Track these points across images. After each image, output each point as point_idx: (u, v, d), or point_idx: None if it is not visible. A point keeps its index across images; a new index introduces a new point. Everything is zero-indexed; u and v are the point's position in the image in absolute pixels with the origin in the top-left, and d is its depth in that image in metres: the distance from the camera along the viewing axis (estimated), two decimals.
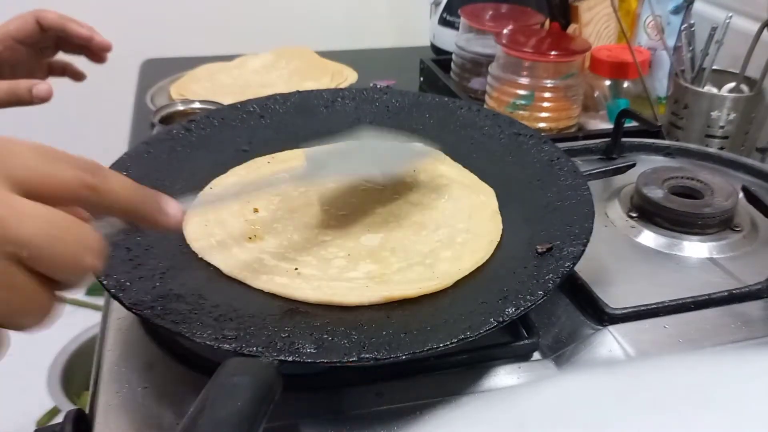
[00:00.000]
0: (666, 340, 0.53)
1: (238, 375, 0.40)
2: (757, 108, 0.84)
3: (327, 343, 0.45)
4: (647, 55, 0.97)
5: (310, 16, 1.77)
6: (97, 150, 1.16)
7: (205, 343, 0.44)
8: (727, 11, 0.87)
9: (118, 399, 0.49)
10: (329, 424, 0.47)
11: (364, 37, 1.72)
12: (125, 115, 1.04)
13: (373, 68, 1.18)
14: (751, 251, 0.65)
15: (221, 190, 0.61)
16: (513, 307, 0.47)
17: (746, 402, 0.21)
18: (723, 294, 0.56)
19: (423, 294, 0.51)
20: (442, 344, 0.44)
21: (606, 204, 0.71)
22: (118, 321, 0.57)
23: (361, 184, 0.65)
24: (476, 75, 1.04)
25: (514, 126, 0.70)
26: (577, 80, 0.91)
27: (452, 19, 1.17)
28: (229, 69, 1.13)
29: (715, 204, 0.67)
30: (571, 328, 0.55)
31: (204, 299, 0.50)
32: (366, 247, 0.57)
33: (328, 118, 0.76)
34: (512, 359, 0.53)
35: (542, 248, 0.53)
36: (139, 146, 0.66)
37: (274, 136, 0.73)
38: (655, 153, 0.82)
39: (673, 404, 0.21)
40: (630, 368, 0.26)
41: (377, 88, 0.80)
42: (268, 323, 0.47)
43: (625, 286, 0.60)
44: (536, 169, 0.65)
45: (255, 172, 0.67)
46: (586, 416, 0.22)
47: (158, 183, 0.63)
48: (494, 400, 0.24)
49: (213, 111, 0.74)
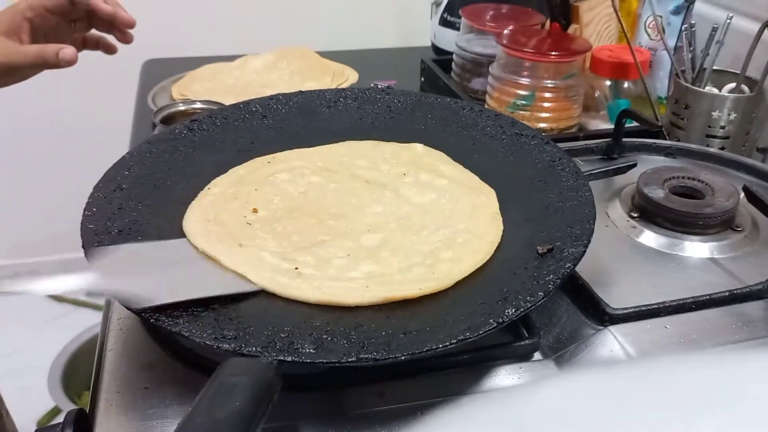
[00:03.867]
0: (667, 340, 0.53)
1: (237, 375, 0.40)
2: (758, 108, 0.84)
3: (326, 344, 0.45)
4: (648, 55, 0.97)
5: (311, 16, 1.77)
6: (99, 149, 1.16)
7: (204, 343, 0.44)
8: (727, 11, 0.87)
9: (119, 399, 0.49)
10: (329, 424, 0.47)
11: (365, 37, 1.72)
12: (127, 115, 1.05)
13: (374, 68, 1.18)
14: (752, 251, 0.65)
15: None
16: (513, 308, 0.47)
17: (747, 402, 0.21)
18: (724, 294, 0.56)
19: (423, 294, 0.51)
20: (441, 345, 0.44)
21: (607, 204, 0.71)
22: (119, 321, 0.57)
23: (361, 183, 0.65)
24: (477, 75, 1.04)
25: (515, 126, 0.70)
26: (577, 80, 0.91)
27: (453, 19, 1.17)
28: (230, 69, 1.13)
29: (716, 204, 0.67)
30: (572, 329, 0.55)
31: (204, 299, 0.50)
32: (366, 247, 0.57)
33: (330, 118, 0.76)
34: (513, 359, 0.53)
35: (543, 249, 0.53)
36: (141, 146, 0.66)
37: (276, 136, 0.73)
38: (656, 153, 0.82)
39: (673, 404, 0.21)
40: (630, 368, 0.26)
41: (379, 89, 0.80)
42: (268, 323, 0.47)
43: (626, 286, 0.60)
44: (537, 170, 0.65)
45: (255, 173, 0.67)
46: (586, 416, 0.22)
47: (160, 182, 0.63)
48: (494, 400, 0.24)
49: (215, 111, 0.74)
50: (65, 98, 1.72)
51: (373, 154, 0.70)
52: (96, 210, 0.57)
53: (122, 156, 0.64)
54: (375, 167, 0.68)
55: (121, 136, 1.01)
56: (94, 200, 0.58)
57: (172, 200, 0.62)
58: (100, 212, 0.56)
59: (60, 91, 1.70)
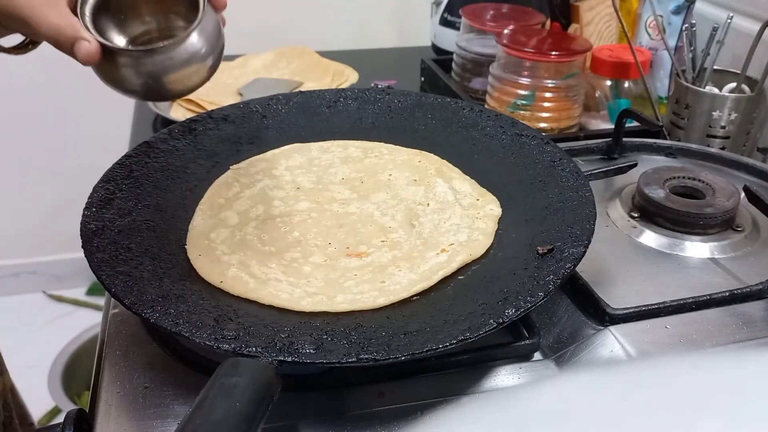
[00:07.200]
0: (667, 340, 0.53)
1: (237, 375, 0.40)
2: (759, 108, 0.84)
3: (326, 344, 0.45)
4: (648, 55, 0.96)
5: (311, 16, 1.77)
6: (99, 150, 1.16)
7: (204, 343, 0.44)
8: (728, 11, 0.87)
9: (119, 399, 0.49)
10: (329, 424, 0.47)
11: (365, 37, 1.72)
12: (127, 115, 1.04)
13: (374, 68, 1.18)
14: (753, 251, 0.65)
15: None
16: (513, 308, 0.47)
17: (747, 402, 0.21)
18: (724, 294, 0.56)
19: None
20: (441, 345, 0.44)
21: (607, 204, 0.71)
22: (119, 321, 0.57)
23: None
24: (477, 75, 1.03)
25: (516, 127, 0.70)
26: (578, 80, 0.91)
27: (453, 19, 1.17)
28: (230, 69, 1.13)
29: (717, 204, 0.66)
30: (572, 329, 0.55)
31: (204, 299, 0.50)
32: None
33: (330, 118, 0.76)
34: (513, 359, 0.53)
35: (543, 249, 0.53)
36: (141, 146, 0.66)
37: (276, 136, 0.73)
38: (657, 153, 0.82)
39: (673, 404, 0.21)
40: (630, 368, 0.26)
41: (379, 89, 0.80)
42: (268, 323, 0.47)
43: (627, 286, 0.59)
44: (538, 170, 0.65)
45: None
46: (586, 416, 0.21)
47: (160, 183, 0.63)
48: (494, 400, 0.24)
49: (215, 110, 0.74)
50: (65, 98, 1.72)
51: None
52: (96, 210, 0.56)
53: (122, 156, 0.64)
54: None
55: (121, 136, 1.01)
56: (94, 200, 0.58)
57: (172, 200, 0.62)
58: (100, 212, 0.56)
59: (60, 90, 1.70)
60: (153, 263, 0.53)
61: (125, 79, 0.49)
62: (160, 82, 0.49)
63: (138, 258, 0.53)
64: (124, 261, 0.52)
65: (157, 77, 0.49)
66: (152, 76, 0.49)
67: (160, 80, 0.49)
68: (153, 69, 0.48)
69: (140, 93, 0.50)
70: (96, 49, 0.48)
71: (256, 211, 0.62)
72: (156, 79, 0.49)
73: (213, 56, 0.51)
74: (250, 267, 0.54)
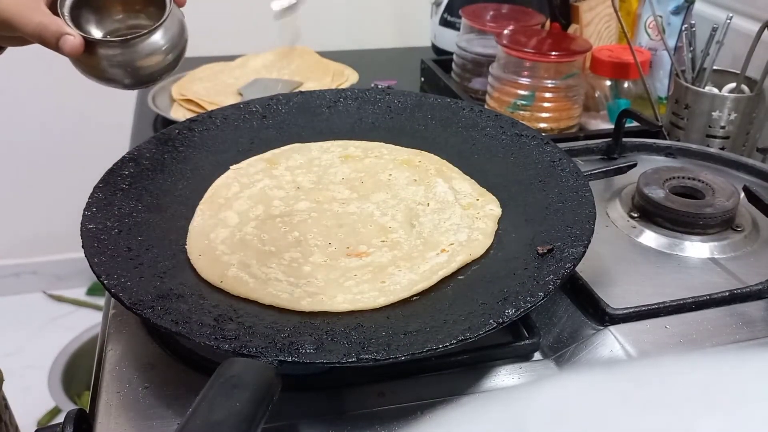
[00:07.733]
0: (667, 340, 0.53)
1: (237, 375, 0.40)
2: (758, 108, 0.84)
3: (326, 344, 0.45)
4: (648, 55, 0.96)
5: (311, 16, 1.77)
6: (99, 150, 1.16)
7: (204, 343, 0.44)
8: (727, 12, 0.87)
9: (119, 399, 0.49)
10: (329, 424, 0.47)
11: (365, 37, 1.72)
12: (127, 115, 1.04)
13: (374, 68, 1.18)
14: (753, 251, 0.65)
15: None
16: (513, 308, 0.47)
17: (747, 402, 0.21)
18: (724, 294, 0.56)
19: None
20: (441, 345, 0.44)
21: (607, 204, 0.71)
22: (119, 321, 0.57)
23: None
24: (477, 75, 1.03)
25: (516, 127, 0.70)
26: (577, 80, 0.91)
27: (453, 19, 1.17)
28: (230, 69, 1.13)
29: (717, 204, 0.67)
30: (572, 329, 0.55)
31: (204, 299, 0.50)
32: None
33: (330, 119, 0.76)
34: (513, 359, 0.53)
35: (543, 250, 0.53)
36: (141, 146, 0.66)
37: (276, 136, 0.73)
38: (656, 153, 0.82)
39: (673, 404, 0.21)
40: (630, 368, 0.26)
41: (379, 89, 0.80)
42: (268, 323, 0.47)
43: (626, 286, 0.60)
44: (538, 170, 0.65)
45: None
46: (586, 416, 0.22)
47: (160, 183, 0.63)
48: (494, 400, 0.24)
49: (215, 111, 0.74)
50: (65, 98, 1.72)
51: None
52: (96, 210, 0.57)
53: (122, 156, 0.64)
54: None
55: (121, 136, 1.01)
56: (94, 200, 0.58)
57: (172, 200, 0.62)
58: (100, 212, 0.56)
59: (60, 90, 1.70)
60: (153, 263, 0.53)
61: (104, 68, 0.55)
62: (134, 68, 0.55)
63: (138, 258, 0.53)
64: (124, 261, 0.52)
65: (131, 64, 0.55)
66: (129, 64, 0.55)
67: (134, 66, 0.55)
68: (129, 58, 0.55)
69: (118, 80, 0.56)
70: (80, 42, 0.53)
71: (256, 211, 0.62)
72: (131, 65, 0.55)
73: (180, 45, 0.58)
74: (250, 267, 0.54)
